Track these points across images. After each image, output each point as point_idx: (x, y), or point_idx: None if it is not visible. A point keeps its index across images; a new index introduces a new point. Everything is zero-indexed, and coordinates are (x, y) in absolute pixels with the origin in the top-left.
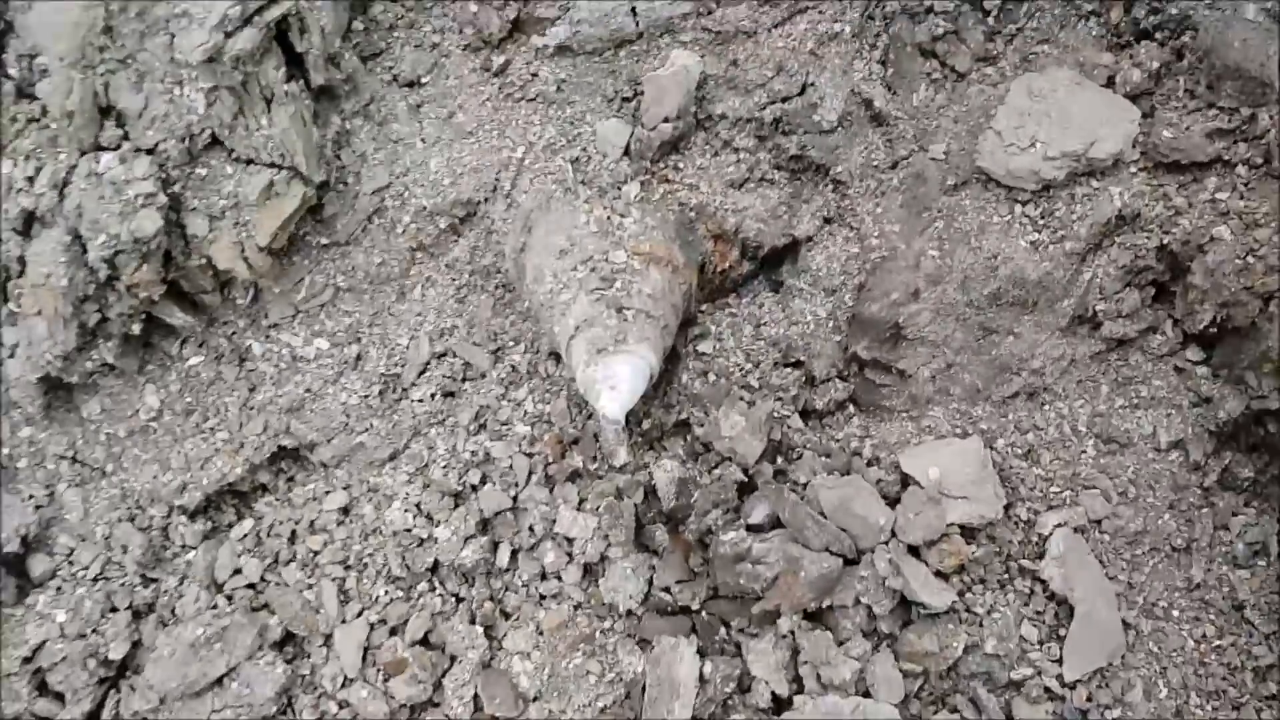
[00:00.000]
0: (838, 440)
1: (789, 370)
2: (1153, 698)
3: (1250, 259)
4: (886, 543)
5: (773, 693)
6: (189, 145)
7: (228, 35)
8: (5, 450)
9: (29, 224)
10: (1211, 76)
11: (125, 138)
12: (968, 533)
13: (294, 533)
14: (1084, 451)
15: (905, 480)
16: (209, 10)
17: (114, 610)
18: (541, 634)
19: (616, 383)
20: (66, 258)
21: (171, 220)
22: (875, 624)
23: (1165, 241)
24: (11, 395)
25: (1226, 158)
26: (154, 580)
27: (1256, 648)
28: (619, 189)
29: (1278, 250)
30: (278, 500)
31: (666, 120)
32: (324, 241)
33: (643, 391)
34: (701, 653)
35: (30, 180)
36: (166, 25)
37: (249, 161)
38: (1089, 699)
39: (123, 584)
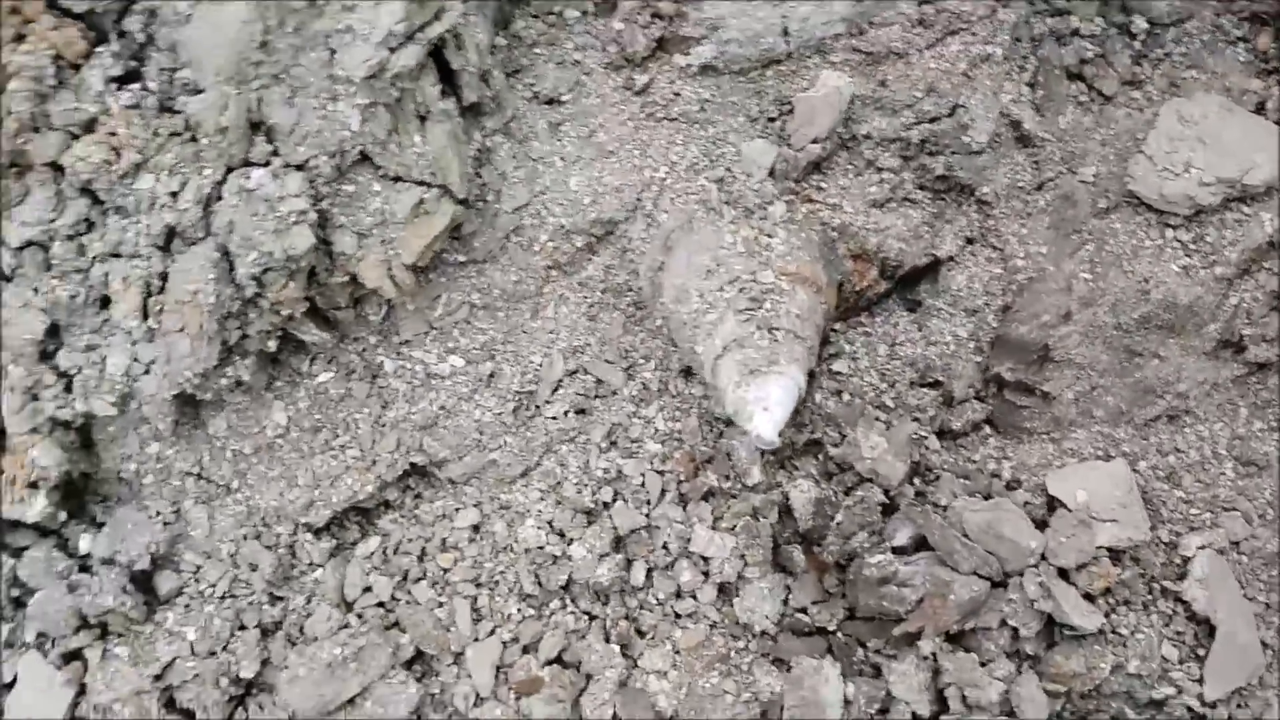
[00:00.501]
0: (974, 462)
1: (925, 390)
2: None
3: None
4: (1036, 566)
5: (913, 713)
6: (339, 162)
7: (392, 51)
8: (134, 466)
9: (169, 239)
10: None
11: (275, 154)
12: (1114, 555)
13: (424, 550)
14: (1223, 473)
15: (1051, 503)
16: (373, 26)
17: (243, 628)
18: (678, 653)
19: (770, 404)
20: (215, 274)
21: (319, 238)
22: (1019, 645)
23: None
24: (144, 411)
25: None
26: (281, 599)
27: None
28: (765, 209)
29: None
30: (403, 518)
31: (815, 141)
32: (461, 259)
33: (793, 412)
34: (843, 675)
35: (174, 195)
36: (326, 40)
37: (397, 179)
38: (1229, 718)
39: (250, 602)
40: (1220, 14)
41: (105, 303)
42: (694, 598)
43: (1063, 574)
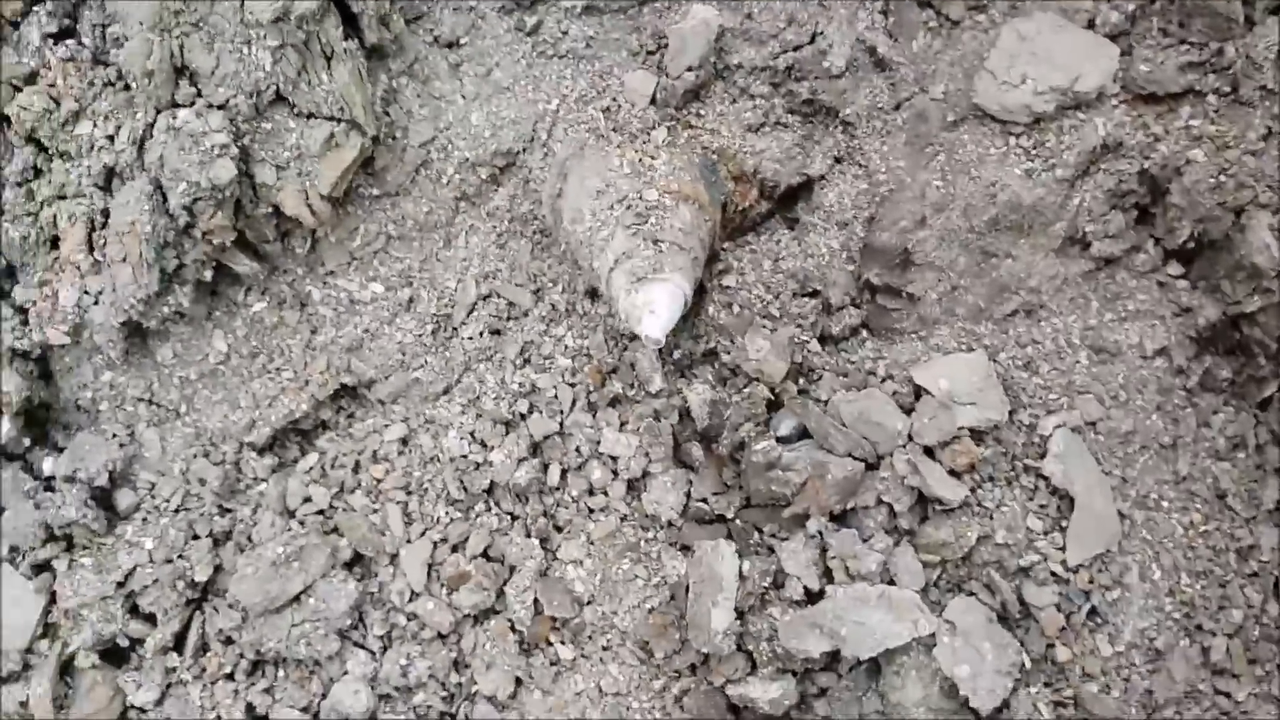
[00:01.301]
0: (853, 362)
1: (806, 299)
2: (1147, 579)
3: (1222, 178)
4: (904, 446)
5: (805, 586)
6: (256, 101)
7: None
8: (89, 394)
9: (109, 179)
10: (1182, 14)
11: (198, 95)
12: (976, 435)
13: (358, 463)
14: (1078, 362)
15: (918, 391)
16: None
17: (196, 537)
18: (592, 544)
19: (656, 307)
20: (149, 206)
21: (241, 171)
22: (896, 521)
23: (1145, 166)
24: (96, 340)
25: (1198, 88)
26: (229, 510)
27: (1239, 530)
28: (648, 134)
29: (1247, 168)
30: (339, 435)
31: (689, 69)
32: (375, 193)
33: (679, 315)
34: (739, 554)
35: (110, 139)
36: None
37: (310, 115)
38: (1090, 581)
39: (202, 514)
40: None
41: (55, 242)
42: (605, 494)
43: (929, 452)
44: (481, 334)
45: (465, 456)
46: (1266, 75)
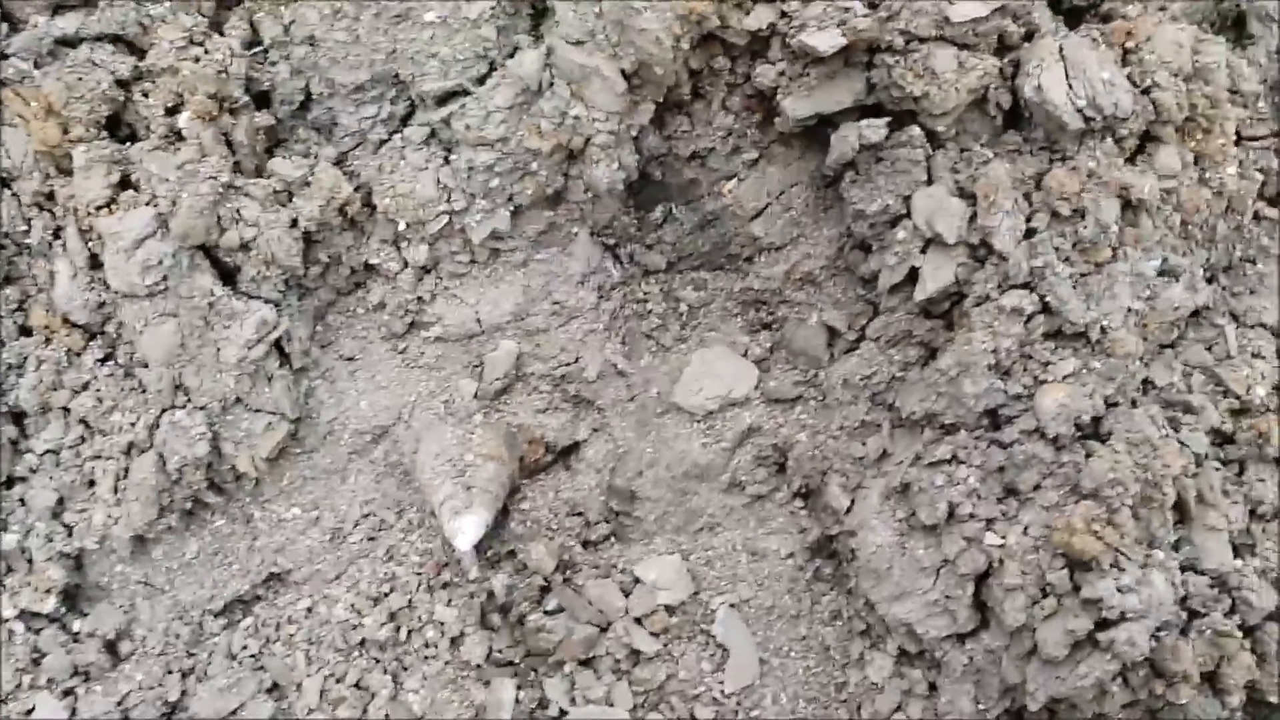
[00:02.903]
0: (605, 558)
1: (575, 518)
2: (777, 702)
3: (814, 451)
4: (625, 616)
5: (560, 707)
6: (223, 404)
7: (250, 349)
8: (105, 578)
9: (129, 449)
10: (793, 353)
11: (189, 400)
12: (669, 609)
13: (279, 624)
14: (739, 560)
15: (636, 579)
16: (240, 337)
17: (170, 672)
18: (425, 679)
19: (465, 530)
20: (155, 468)
21: (213, 446)
22: (619, 664)
23: (775, 441)
24: (113, 545)
25: (804, 395)
26: (194, 654)
27: (836, 672)
28: (471, 418)
29: (830, 448)
30: (267, 605)
31: (498, 379)
32: (298, 451)
33: (482, 534)
34: (518, 687)
35: (132, 424)
36: (216, 342)
37: (257, 410)
38: (738, 704)
39: (175, 657)
40: (725, 301)
41: (90, 484)
42: (435, 646)
43: (638, 620)
44: (361, 540)
45: (347, 620)
46: (839, 392)
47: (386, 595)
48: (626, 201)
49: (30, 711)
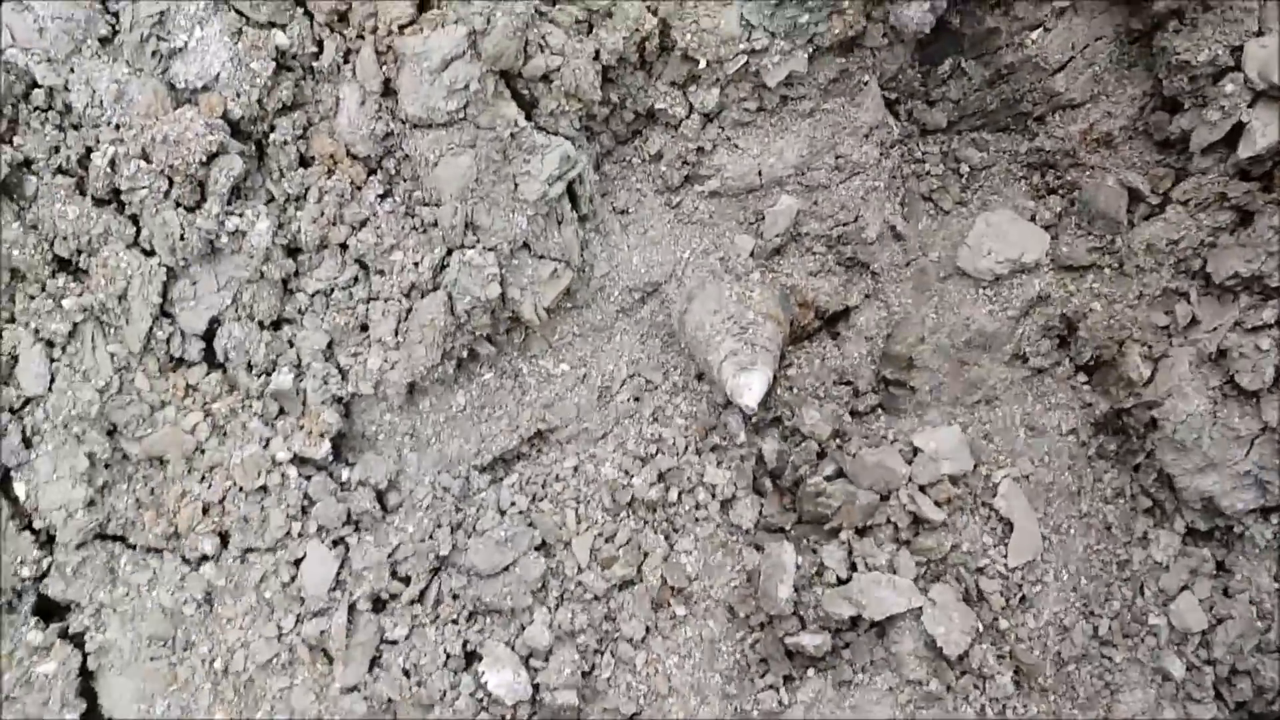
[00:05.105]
0: (873, 429)
1: (843, 387)
2: (1059, 579)
3: (1110, 322)
4: (906, 485)
5: (837, 575)
6: (512, 246)
7: (550, 185)
8: (374, 428)
9: (409, 291)
10: (1089, 217)
11: (478, 241)
12: (952, 480)
13: (545, 481)
14: (1018, 436)
15: (915, 450)
16: (541, 171)
17: (439, 526)
18: (698, 541)
19: (754, 387)
20: (444, 309)
21: (500, 291)
22: (898, 534)
23: (1064, 311)
24: (386, 391)
25: (1098, 263)
26: (461, 509)
27: (1118, 550)
28: (748, 277)
29: (1127, 316)
30: (533, 463)
31: (777, 235)
32: (569, 306)
33: (766, 392)
34: (796, 551)
35: (415, 265)
36: (513, 177)
37: (542, 257)
38: (1022, 578)
39: (444, 510)
40: (1009, 164)
41: (365, 328)
42: (706, 509)
43: (922, 489)
44: (627, 400)
45: (615, 480)
46: (1140, 259)
47: (654, 456)
48: (914, 53)
49: (301, 560)
